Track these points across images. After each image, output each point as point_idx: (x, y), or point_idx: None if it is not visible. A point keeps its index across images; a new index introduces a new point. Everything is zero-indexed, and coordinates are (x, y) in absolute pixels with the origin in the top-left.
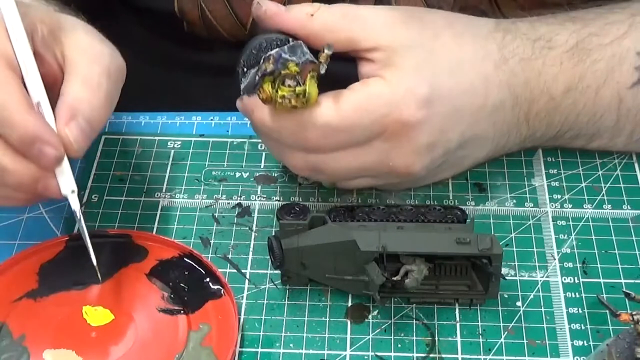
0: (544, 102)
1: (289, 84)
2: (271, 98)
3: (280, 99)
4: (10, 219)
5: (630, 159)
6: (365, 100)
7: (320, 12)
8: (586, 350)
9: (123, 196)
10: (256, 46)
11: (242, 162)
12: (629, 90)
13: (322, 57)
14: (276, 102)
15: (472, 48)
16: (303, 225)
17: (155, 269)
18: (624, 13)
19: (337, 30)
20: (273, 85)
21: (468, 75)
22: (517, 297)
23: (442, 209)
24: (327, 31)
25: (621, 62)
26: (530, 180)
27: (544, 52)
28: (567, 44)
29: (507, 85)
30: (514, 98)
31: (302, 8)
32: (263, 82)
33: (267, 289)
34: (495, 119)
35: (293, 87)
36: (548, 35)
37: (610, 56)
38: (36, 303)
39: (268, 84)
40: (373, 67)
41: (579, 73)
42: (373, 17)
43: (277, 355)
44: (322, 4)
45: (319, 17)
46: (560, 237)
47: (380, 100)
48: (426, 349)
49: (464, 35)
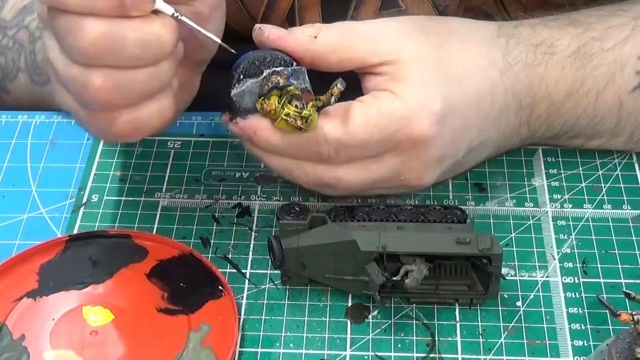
0: (545, 106)
1: (296, 104)
2: (274, 112)
3: (285, 116)
4: (10, 219)
5: (630, 159)
6: (376, 116)
7: (322, 33)
8: (586, 350)
9: (123, 196)
10: (259, 58)
11: (242, 162)
12: (630, 94)
13: (335, 92)
14: (278, 118)
15: (477, 56)
16: (303, 225)
17: (155, 269)
18: (625, 16)
19: (340, 50)
20: (279, 100)
21: (475, 83)
22: (517, 297)
23: (442, 209)
24: (330, 52)
25: (622, 67)
26: (530, 180)
27: (546, 57)
28: (569, 49)
29: (512, 91)
30: (518, 103)
31: (304, 30)
32: (270, 94)
33: (267, 289)
34: (500, 124)
35: (300, 109)
36: (550, 40)
37: (612, 61)
38: (36, 303)
39: (275, 98)
40: (379, 81)
41: (580, 78)
42: (375, 32)
43: (277, 355)
44: (322, 25)
45: (321, 38)
46: (560, 237)
47: (393, 116)
48: (426, 349)
49: (468, 42)
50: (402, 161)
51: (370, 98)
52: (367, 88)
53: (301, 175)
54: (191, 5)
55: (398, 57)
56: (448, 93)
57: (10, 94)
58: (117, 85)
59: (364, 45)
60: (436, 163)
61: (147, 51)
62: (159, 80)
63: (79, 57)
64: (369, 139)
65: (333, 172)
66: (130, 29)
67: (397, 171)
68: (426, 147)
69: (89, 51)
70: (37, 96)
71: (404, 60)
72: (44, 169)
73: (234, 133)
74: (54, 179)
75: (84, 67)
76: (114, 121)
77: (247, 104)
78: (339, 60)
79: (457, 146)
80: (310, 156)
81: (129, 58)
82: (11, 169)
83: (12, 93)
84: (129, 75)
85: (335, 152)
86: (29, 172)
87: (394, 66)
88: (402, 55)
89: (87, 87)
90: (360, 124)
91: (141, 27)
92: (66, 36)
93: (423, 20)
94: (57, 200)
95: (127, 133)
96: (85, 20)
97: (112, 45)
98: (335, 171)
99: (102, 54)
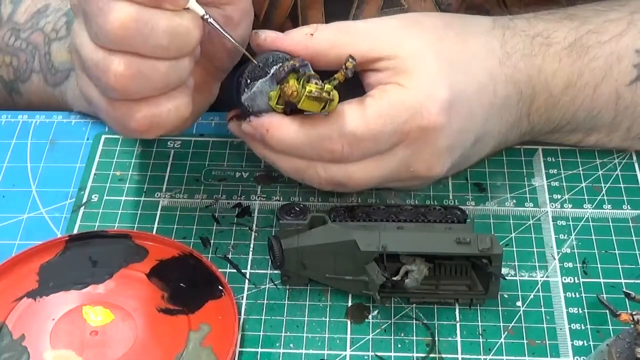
0: (544, 98)
1: (315, 82)
2: (297, 92)
3: (308, 93)
4: (10, 219)
5: (630, 159)
6: (387, 108)
7: (319, 30)
8: (586, 350)
9: (123, 196)
10: (262, 60)
11: (242, 162)
12: (627, 88)
13: (349, 65)
14: (301, 98)
15: (475, 46)
16: (303, 225)
17: (155, 269)
18: (622, 11)
19: (339, 45)
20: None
21: (476, 73)
22: (517, 297)
23: (442, 209)
24: (329, 48)
25: (620, 60)
26: (530, 180)
27: (543, 48)
28: (566, 41)
29: (512, 81)
30: (519, 93)
31: (301, 30)
32: (289, 77)
33: (267, 289)
34: (502, 115)
35: (321, 86)
36: (546, 32)
37: (609, 54)
38: (36, 303)
39: (293, 80)
40: (381, 77)
41: (578, 70)
42: (373, 29)
43: (277, 355)
44: (319, 24)
45: (319, 35)
46: (560, 237)
47: (403, 106)
48: (426, 349)
49: (465, 34)
50: (412, 153)
51: (378, 92)
52: (369, 85)
53: (313, 175)
54: (222, 9)
55: (398, 52)
56: (452, 82)
57: (22, 95)
58: (138, 74)
59: (362, 41)
60: (445, 153)
61: (173, 43)
62: (177, 75)
63: (106, 40)
64: (382, 129)
65: (344, 170)
66: (161, 17)
67: (407, 164)
68: (435, 136)
69: (118, 33)
70: (49, 97)
71: (404, 54)
72: (44, 169)
73: (246, 134)
74: (54, 179)
75: (108, 52)
76: (132, 115)
77: (260, 105)
78: (338, 55)
79: (465, 136)
80: (323, 154)
81: (155, 46)
82: (11, 169)
83: (24, 94)
84: (151, 65)
85: (349, 148)
86: (29, 172)
87: (394, 61)
88: (401, 50)
89: (108, 73)
90: (374, 115)
91: (172, 18)
92: (97, 17)
93: (419, 16)
94: (57, 200)
95: (144, 128)
96: (117, 3)
97: (141, 30)
98: (346, 169)
99: (130, 37)
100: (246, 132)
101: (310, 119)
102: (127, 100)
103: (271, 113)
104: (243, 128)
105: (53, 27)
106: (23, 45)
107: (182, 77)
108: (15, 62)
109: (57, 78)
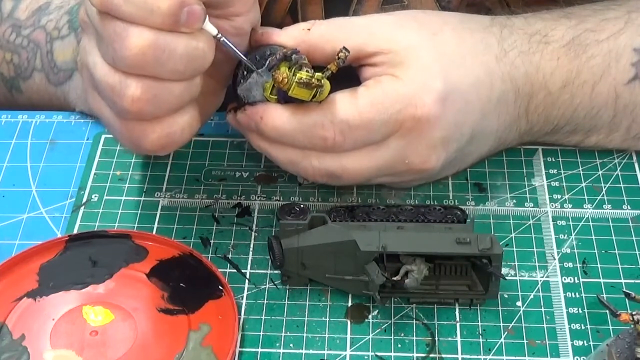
0: (542, 96)
1: (306, 69)
2: (287, 79)
3: (299, 80)
4: (10, 219)
5: (630, 159)
6: (381, 96)
7: (316, 25)
8: (586, 350)
9: (123, 196)
10: (260, 53)
11: (242, 162)
12: (625, 87)
13: (342, 55)
14: (292, 85)
15: (472, 42)
16: (303, 225)
17: (155, 269)
18: (620, 10)
19: (335, 40)
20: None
21: (472, 68)
22: (517, 297)
23: (442, 209)
24: (326, 42)
25: (618, 59)
26: (530, 180)
27: (541, 46)
28: (563, 39)
29: (509, 78)
30: (516, 91)
31: (298, 25)
32: (280, 65)
33: (267, 289)
34: (500, 112)
35: (311, 74)
36: (544, 30)
37: (607, 52)
38: (36, 303)
39: (285, 67)
40: (377, 70)
41: (576, 68)
42: (370, 25)
43: (277, 355)
44: (316, 20)
45: (315, 30)
46: (560, 237)
47: (397, 95)
48: (426, 349)
49: (462, 30)
50: (406, 144)
51: (373, 82)
52: (365, 79)
53: (307, 166)
54: (233, 21)
55: (393, 46)
56: (448, 74)
57: (23, 93)
58: (153, 97)
59: (359, 35)
60: (440, 145)
61: (190, 66)
62: (190, 94)
63: (123, 65)
64: (374, 118)
65: (338, 161)
66: (178, 42)
67: (401, 155)
68: (429, 127)
69: (136, 59)
70: (51, 96)
71: (400, 48)
72: (43, 168)
73: (242, 123)
74: (53, 179)
75: (124, 76)
76: (147, 136)
77: (255, 96)
78: (335, 50)
79: (460, 129)
80: (315, 142)
81: (171, 71)
82: (11, 169)
83: (25, 92)
84: (167, 88)
85: (341, 136)
86: (29, 172)
87: (390, 55)
88: (397, 45)
89: (124, 97)
90: (366, 103)
91: (189, 42)
92: (113, 42)
93: (417, 12)
94: (57, 200)
95: (158, 148)
96: (135, 29)
97: (159, 56)
98: (340, 160)
99: (147, 63)
100: (241, 122)
101: (303, 107)
102: (141, 120)
103: (266, 102)
104: (238, 118)
105: (55, 26)
106: (24, 42)
107: (194, 95)
108: (16, 60)
109: (59, 77)
